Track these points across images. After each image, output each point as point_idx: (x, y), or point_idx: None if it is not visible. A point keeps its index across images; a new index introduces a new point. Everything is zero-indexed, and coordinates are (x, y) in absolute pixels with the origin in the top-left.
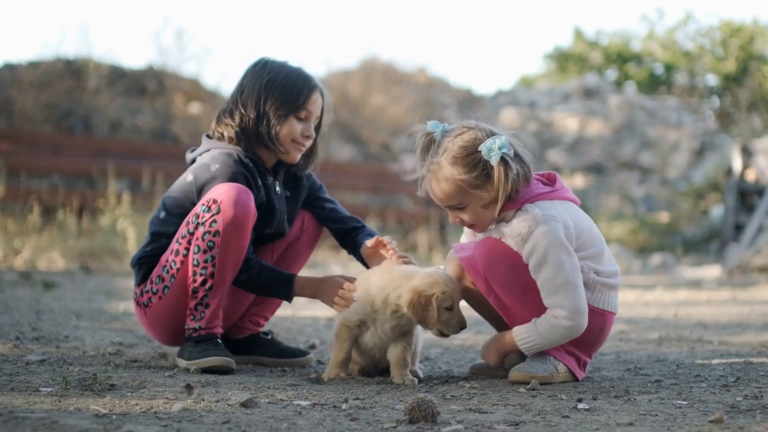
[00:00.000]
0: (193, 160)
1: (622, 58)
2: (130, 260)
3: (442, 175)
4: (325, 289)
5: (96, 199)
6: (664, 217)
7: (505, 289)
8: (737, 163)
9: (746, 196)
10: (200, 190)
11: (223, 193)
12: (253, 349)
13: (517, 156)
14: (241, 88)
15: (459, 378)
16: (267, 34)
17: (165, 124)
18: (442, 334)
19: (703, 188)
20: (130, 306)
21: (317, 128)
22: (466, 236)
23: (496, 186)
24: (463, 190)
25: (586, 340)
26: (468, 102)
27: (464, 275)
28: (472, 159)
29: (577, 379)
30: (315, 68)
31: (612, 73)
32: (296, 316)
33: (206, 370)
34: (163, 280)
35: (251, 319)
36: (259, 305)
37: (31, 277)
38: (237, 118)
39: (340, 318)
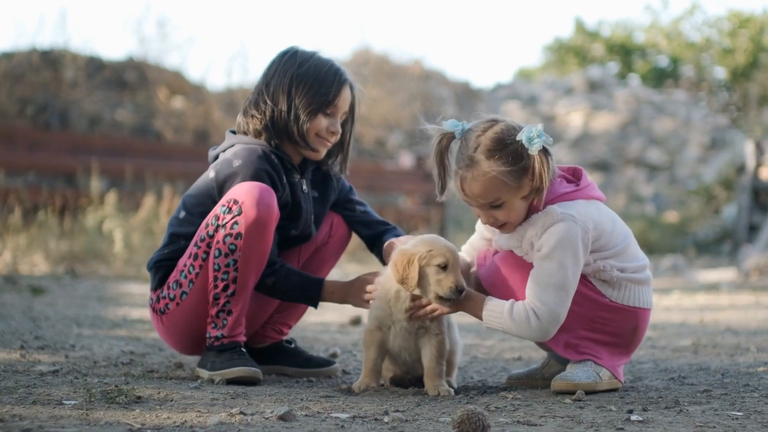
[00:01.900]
0: (216, 157)
1: (624, 49)
2: (147, 263)
3: (480, 171)
4: (353, 292)
5: (78, 198)
6: (673, 216)
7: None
8: (751, 161)
9: (760, 195)
10: (221, 187)
11: (244, 192)
12: (277, 359)
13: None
14: (270, 79)
15: (497, 388)
16: (254, 23)
17: (147, 119)
18: (441, 299)
19: (714, 187)
20: (129, 312)
21: (349, 125)
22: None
23: (538, 176)
24: (503, 184)
25: (620, 341)
26: (466, 96)
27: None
28: (510, 150)
29: (619, 383)
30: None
31: (614, 66)
32: (305, 323)
33: (232, 381)
34: (180, 285)
35: (274, 327)
36: (283, 312)
37: (16, 281)
38: (266, 111)
39: (366, 324)
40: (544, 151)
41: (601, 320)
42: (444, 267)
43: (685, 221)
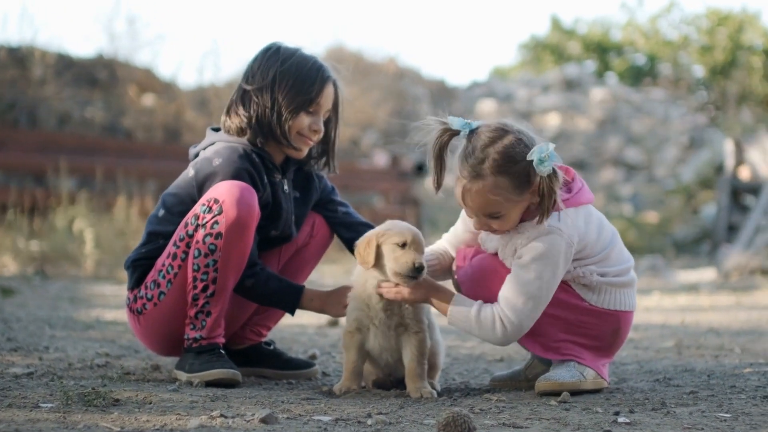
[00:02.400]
0: (196, 155)
1: (601, 48)
2: (124, 261)
3: (485, 186)
4: (332, 301)
5: (48, 198)
6: (652, 216)
7: None
8: (730, 160)
9: (739, 195)
10: (201, 186)
11: (225, 191)
12: (256, 361)
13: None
14: (253, 75)
15: (480, 390)
16: (227, 20)
17: (117, 117)
18: (399, 277)
19: (693, 186)
20: (102, 314)
21: (333, 123)
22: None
23: (545, 196)
24: (504, 200)
25: (601, 344)
26: (441, 94)
27: None
28: (519, 168)
29: (605, 383)
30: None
31: (591, 64)
32: (282, 324)
33: (211, 384)
34: (158, 285)
35: (253, 328)
36: (262, 314)
37: None
38: (250, 108)
39: (344, 327)
40: (554, 173)
41: (580, 324)
42: (402, 245)
43: (664, 221)
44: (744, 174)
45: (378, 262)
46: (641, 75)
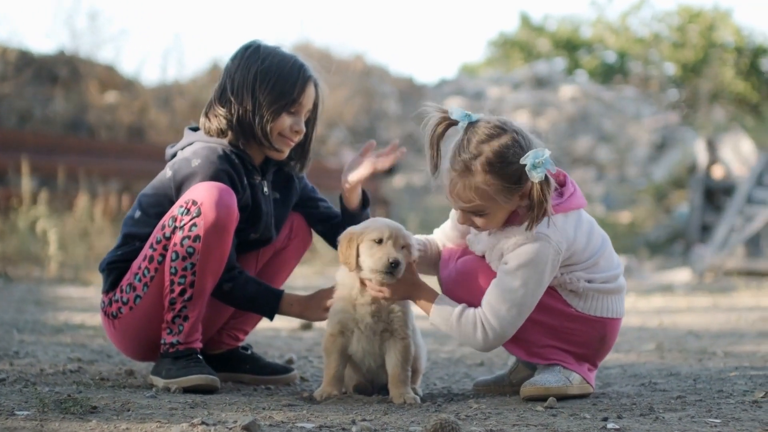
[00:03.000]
0: (174, 155)
1: (571, 45)
2: (99, 263)
3: (474, 181)
4: (312, 306)
5: (9, 197)
6: (624, 217)
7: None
8: (702, 159)
9: (711, 195)
10: (179, 187)
11: (203, 193)
12: (233, 366)
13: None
14: (233, 75)
15: (464, 395)
16: (190, 16)
17: (79, 115)
18: (378, 272)
19: (665, 186)
20: (70, 317)
21: (312, 123)
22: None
23: (537, 203)
24: (492, 198)
25: (588, 351)
26: (409, 92)
27: None
28: (511, 170)
29: (591, 388)
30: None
31: (561, 62)
32: (256, 329)
33: (188, 390)
34: (134, 288)
35: (230, 332)
36: (239, 318)
37: None
38: (230, 108)
39: (326, 330)
40: (546, 180)
41: (566, 330)
42: (379, 241)
43: (636, 221)
44: (717, 173)
45: (357, 260)
46: (611, 73)
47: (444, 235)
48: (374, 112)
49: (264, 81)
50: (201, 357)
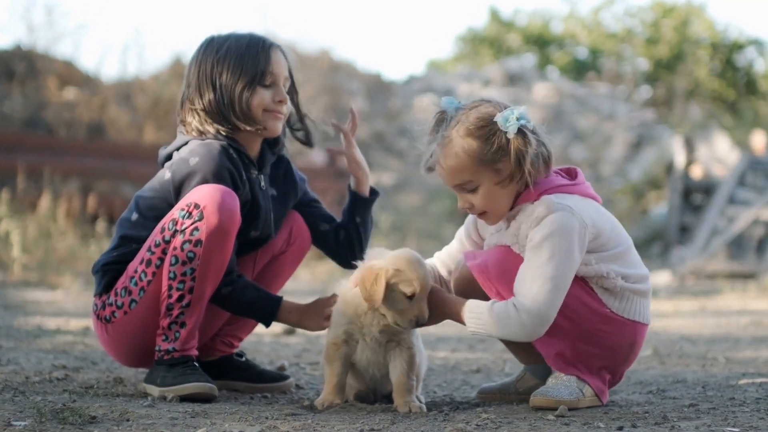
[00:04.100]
0: (168, 157)
1: (542, 40)
2: (93, 265)
3: (452, 149)
4: (312, 314)
5: None
6: None
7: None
8: (680, 158)
9: (689, 195)
10: (179, 189)
11: (206, 196)
12: (227, 373)
13: (536, 134)
14: (191, 75)
15: (469, 404)
16: (150, 10)
17: (37, 112)
18: (397, 325)
19: (641, 185)
20: (43, 322)
21: (293, 91)
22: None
23: (514, 160)
24: (475, 165)
25: (617, 357)
26: (378, 88)
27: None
28: (487, 131)
29: (601, 403)
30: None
31: (531, 58)
32: None
33: (185, 398)
34: (130, 293)
35: (224, 339)
36: (234, 324)
37: None
38: (197, 107)
39: (327, 337)
40: (523, 135)
41: (599, 333)
42: (410, 297)
43: None
44: (696, 173)
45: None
46: (583, 69)
47: (448, 257)
48: (341, 110)
49: (223, 66)
50: (197, 364)
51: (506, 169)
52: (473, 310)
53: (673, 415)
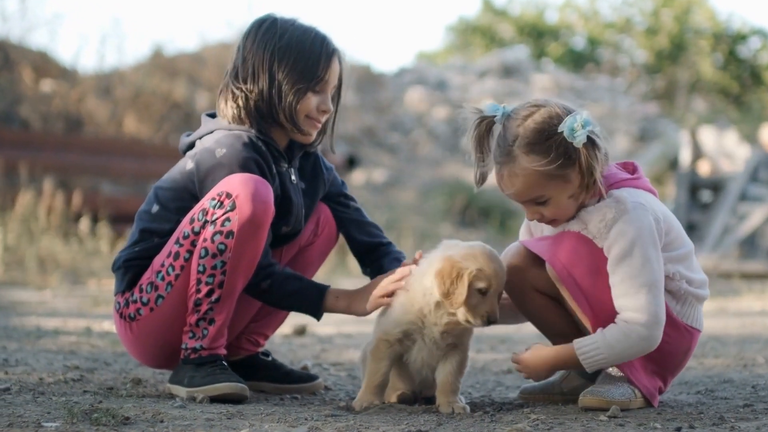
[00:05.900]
0: (191, 145)
1: (536, 30)
2: (113, 262)
3: (518, 167)
4: (361, 299)
5: None
6: None
7: (589, 288)
8: (686, 153)
9: (696, 191)
10: (203, 180)
11: (238, 185)
12: (253, 373)
13: (600, 137)
14: (246, 54)
15: (512, 404)
16: None
17: (12, 105)
18: (468, 322)
19: None
20: (39, 322)
21: (336, 100)
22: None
23: (585, 171)
24: (544, 181)
25: (670, 363)
26: (368, 81)
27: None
28: (551, 143)
29: (652, 406)
30: (187, 40)
31: (524, 49)
32: None
33: (216, 399)
34: (156, 288)
35: (249, 337)
36: (260, 321)
37: None
38: (246, 91)
39: (378, 332)
40: (591, 142)
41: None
42: (485, 292)
43: None
44: (703, 169)
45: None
46: (580, 60)
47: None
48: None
49: (284, 59)
50: (226, 364)
51: (576, 178)
52: (584, 347)
53: (730, 415)
